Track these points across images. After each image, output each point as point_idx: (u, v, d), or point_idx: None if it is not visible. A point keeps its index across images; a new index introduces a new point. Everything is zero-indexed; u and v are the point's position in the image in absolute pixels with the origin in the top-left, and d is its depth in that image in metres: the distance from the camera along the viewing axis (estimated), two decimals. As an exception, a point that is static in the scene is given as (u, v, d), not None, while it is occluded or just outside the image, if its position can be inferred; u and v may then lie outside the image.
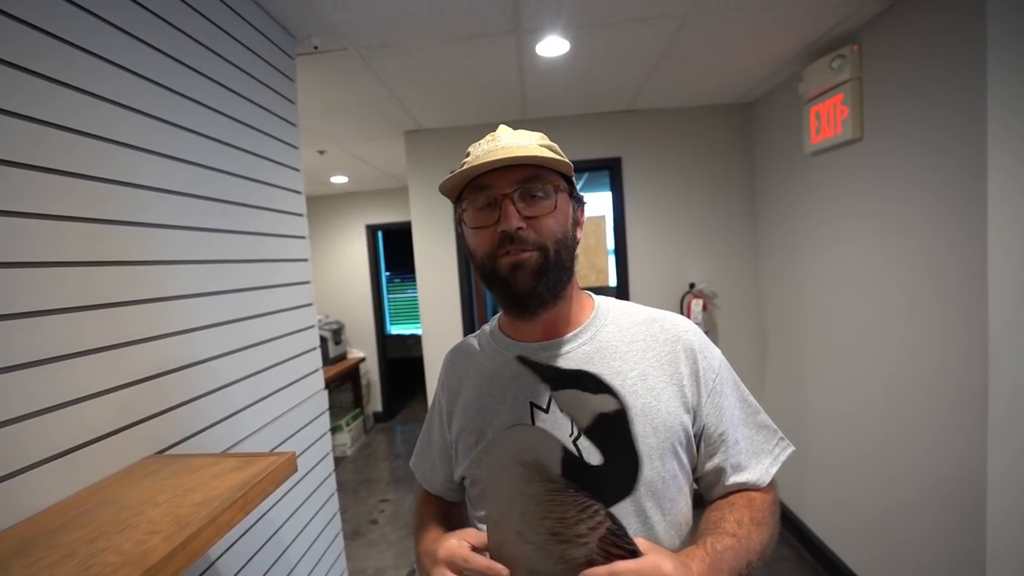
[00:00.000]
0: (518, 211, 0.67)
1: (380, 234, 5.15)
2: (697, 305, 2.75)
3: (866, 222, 1.90)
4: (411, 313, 6.20)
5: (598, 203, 4.21)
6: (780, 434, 0.78)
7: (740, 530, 0.66)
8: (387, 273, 5.43)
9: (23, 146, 0.74)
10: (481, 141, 0.73)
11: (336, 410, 4.42)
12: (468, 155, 0.73)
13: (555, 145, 0.73)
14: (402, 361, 6.00)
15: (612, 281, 3.17)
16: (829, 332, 2.19)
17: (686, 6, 1.61)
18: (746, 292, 2.84)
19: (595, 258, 3.67)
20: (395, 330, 6.18)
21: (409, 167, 2.91)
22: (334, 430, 4.22)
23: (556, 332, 0.75)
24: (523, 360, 0.74)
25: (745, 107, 2.78)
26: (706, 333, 0.80)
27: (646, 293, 2.84)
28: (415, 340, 6.03)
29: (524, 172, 0.68)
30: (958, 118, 1.46)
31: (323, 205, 4.85)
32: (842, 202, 2.04)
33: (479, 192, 0.70)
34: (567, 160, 0.71)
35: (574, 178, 0.75)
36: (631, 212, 2.86)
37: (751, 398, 0.78)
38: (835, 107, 1.96)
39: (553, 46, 1.86)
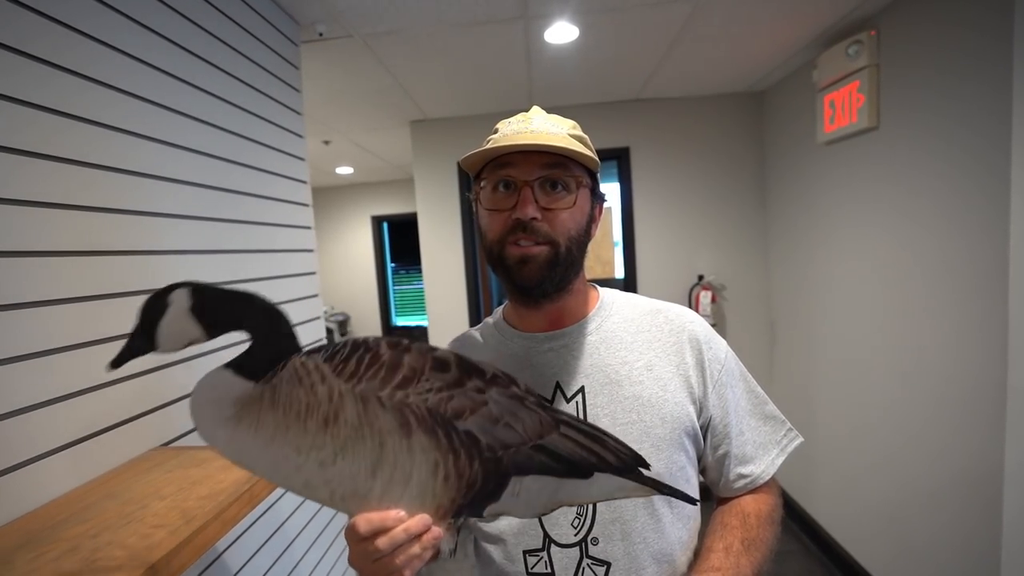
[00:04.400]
0: (536, 200, 0.65)
1: (385, 225, 5.14)
2: (706, 297, 2.72)
3: (881, 213, 1.86)
4: (417, 304, 6.19)
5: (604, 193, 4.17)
6: (788, 425, 0.76)
7: (727, 560, 0.65)
8: (393, 264, 5.42)
9: (24, 133, 0.72)
10: (512, 119, 0.70)
11: (342, 401, 4.43)
12: (496, 131, 0.70)
13: (586, 137, 0.70)
14: (408, 353, 5.99)
15: (619, 273, 3.14)
16: (840, 325, 2.15)
17: (699, -10, 1.57)
18: (756, 284, 2.81)
19: (601, 250, 3.64)
20: (401, 321, 6.17)
21: (415, 157, 2.88)
22: (340, 421, 4.23)
23: (561, 323, 0.73)
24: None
25: (756, 96, 2.73)
26: (714, 326, 0.78)
27: (654, 285, 2.82)
28: (421, 332, 6.03)
29: (549, 160, 0.65)
30: (980, 106, 1.42)
31: (328, 196, 4.84)
32: (856, 192, 2.00)
33: (499, 171, 0.67)
34: (595, 155, 0.68)
35: (599, 174, 0.72)
36: (639, 203, 2.83)
37: (758, 388, 0.77)
38: (850, 95, 1.92)
39: (562, 32, 1.82)
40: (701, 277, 2.79)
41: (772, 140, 2.67)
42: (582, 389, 0.69)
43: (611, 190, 3.41)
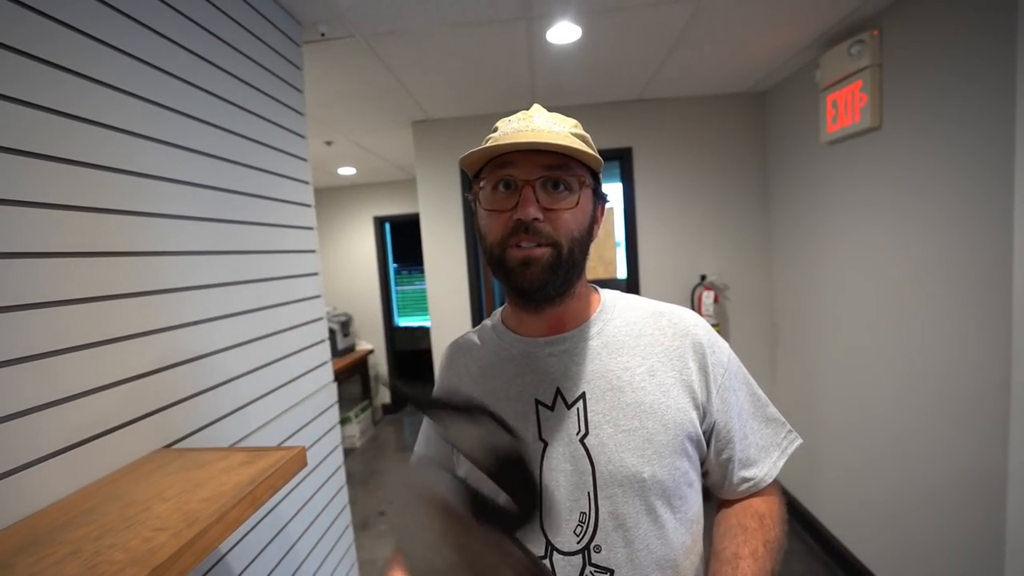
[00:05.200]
0: (537, 200, 0.63)
1: (388, 226, 5.14)
2: (708, 297, 2.71)
3: (883, 213, 1.86)
4: (419, 305, 6.19)
5: (607, 193, 4.16)
6: (788, 427, 0.76)
7: (756, 565, 0.64)
8: (395, 265, 5.42)
9: (29, 135, 0.72)
10: (512, 117, 0.69)
11: (345, 402, 4.44)
12: (495, 130, 0.69)
13: (588, 136, 0.69)
14: (410, 353, 6.01)
15: (621, 273, 3.14)
16: (843, 325, 2.15)
17: (701, -10, 1.57)
18: (758, 284, 2.80)
19: (603, 250, 3.63)
20: (403, 322, 6.17)
21: (417, 158, 2.88)
22: (343, 422, 4.24)
23: (562, 327, 0.72)
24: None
25: (759, 96, 2.72)
26: (716, 326, 0.78)
27: (656, 285, 2.81)
28: (423, 332, 6.03)
29: (551, 160, 0.64)
30: (983, 105, 1.41)
31: (331, 197, 4.84)
32: (859, 192, 1.99)
33: (500, 171, 0.65)
34: (597, 155, 0.68)
35: (601, 174, 0.71)
36: (641, 203, 2.82)
37: (760, 391, 0.76)
38: (853, 95, 1.91)
39: (564, 32, 1.82)
40: (704, 277, 2.79)
41: (775, 140, 2.66)
42: (583, 395, 0.68)
43: (613, 190, 3.41)
